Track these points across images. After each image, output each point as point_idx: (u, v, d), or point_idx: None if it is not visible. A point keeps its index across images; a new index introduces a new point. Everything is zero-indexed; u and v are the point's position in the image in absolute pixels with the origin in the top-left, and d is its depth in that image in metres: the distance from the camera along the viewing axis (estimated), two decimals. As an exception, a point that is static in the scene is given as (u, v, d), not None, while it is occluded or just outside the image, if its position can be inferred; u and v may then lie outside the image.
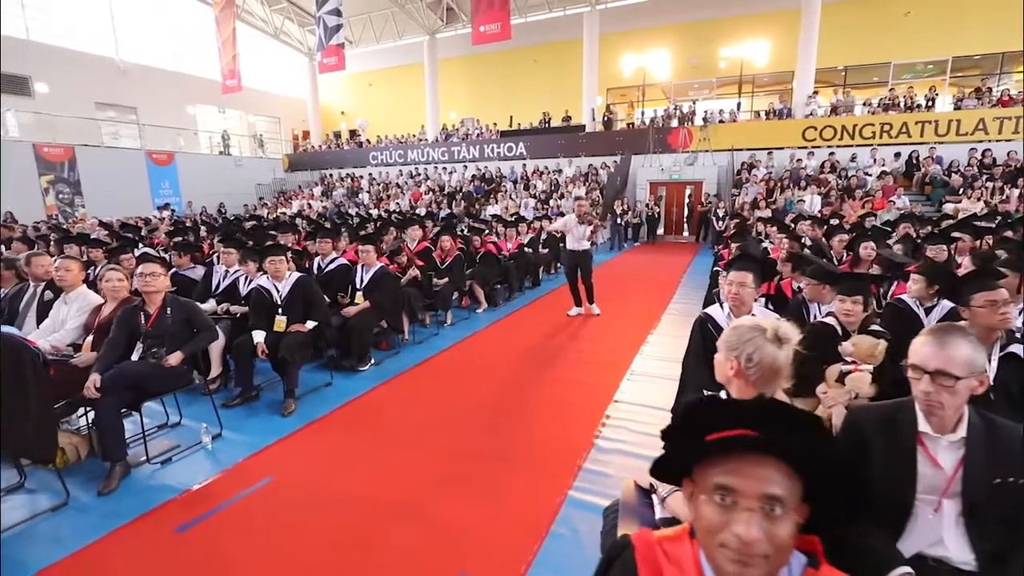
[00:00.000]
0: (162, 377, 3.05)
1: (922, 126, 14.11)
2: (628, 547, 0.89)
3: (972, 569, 1.32)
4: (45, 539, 2.39)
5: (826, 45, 16.09)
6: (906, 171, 13.75)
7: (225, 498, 2.68)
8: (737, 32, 18.03)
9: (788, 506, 0.72)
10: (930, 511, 1.37)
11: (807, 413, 0.77)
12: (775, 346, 1.36)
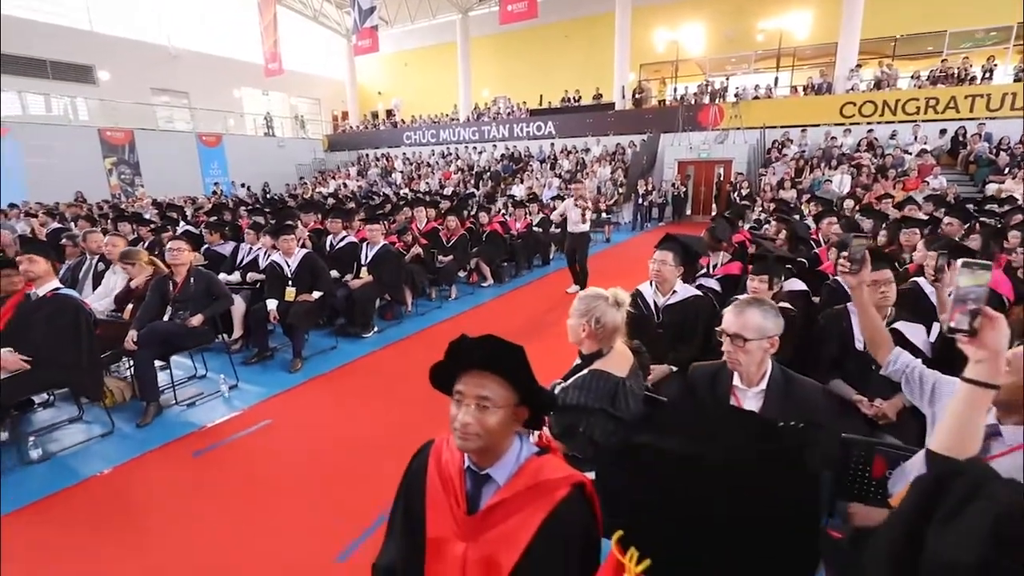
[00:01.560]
0: (186, 335, 3.67)
1: (972, 100, 13.25)
2: (431, 443, 1.31)
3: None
4: (96, 456, 3.06)
5: (875, 13, 15.19)
6: (951, 149, 13.05)
7: (232, 433, 3.31)
8: (777, 2, 17.28)
9: (496, 404, 1.11)
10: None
11: (515, 346, 1.15)
12: (615, 309, 1.73)
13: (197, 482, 2.83)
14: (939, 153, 13.03)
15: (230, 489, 2.76)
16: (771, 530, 0.66)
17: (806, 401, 1.69)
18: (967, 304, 1.05)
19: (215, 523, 2.49)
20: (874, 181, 11.81)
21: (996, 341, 1.05)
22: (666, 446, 0.70)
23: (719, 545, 0.67)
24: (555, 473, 1.17)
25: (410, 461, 1.32)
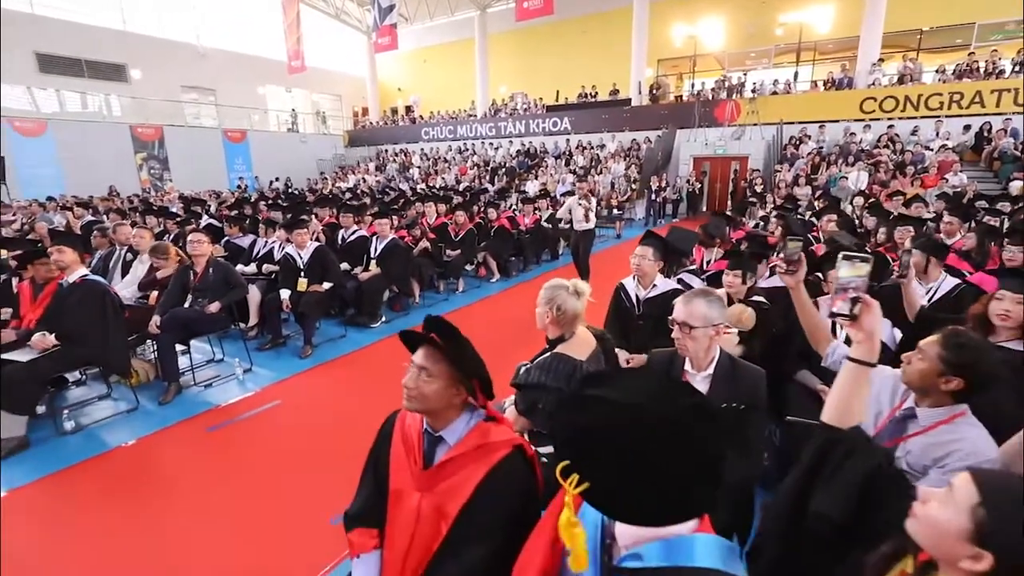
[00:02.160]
0: (205, 321, 3.96)
1: (999, 95, 12.86)
2: (398, 411, 1.51)
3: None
4: (121, 429, 3.36)
5: (900, 5, 14.84)
6: (975, 145, 12.71)
7: (244, 412, 3.59)
8: (796, -4, 17.01)
9: (432, 375, 1.30)
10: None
11: (451, 330, 1.33)
12: (575, 298, 1.91)
13: (210, 454, 3.11)
14: (963, 149, 12.71)
15: (239, 461, 3.03)
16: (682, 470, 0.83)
17: (749, 386, 1.83)
18: (848, 292, 1.20)
19: (224, 489, 2.75)
20: (892, 178, 11.62)
21: (872, 325, 1.20)
22: (613, 396, 0.87)
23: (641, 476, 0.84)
24: (498, 436, 1.36)
25: (381, 427, 1.52)
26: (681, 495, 0.85)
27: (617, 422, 0.85)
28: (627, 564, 0.93)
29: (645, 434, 0.83)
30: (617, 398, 0.86)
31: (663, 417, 0.84)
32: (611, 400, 0.86)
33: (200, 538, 2.39)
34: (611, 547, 1.00)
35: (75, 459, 3.02)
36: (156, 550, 2.31)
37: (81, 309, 3.34)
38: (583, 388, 0.91)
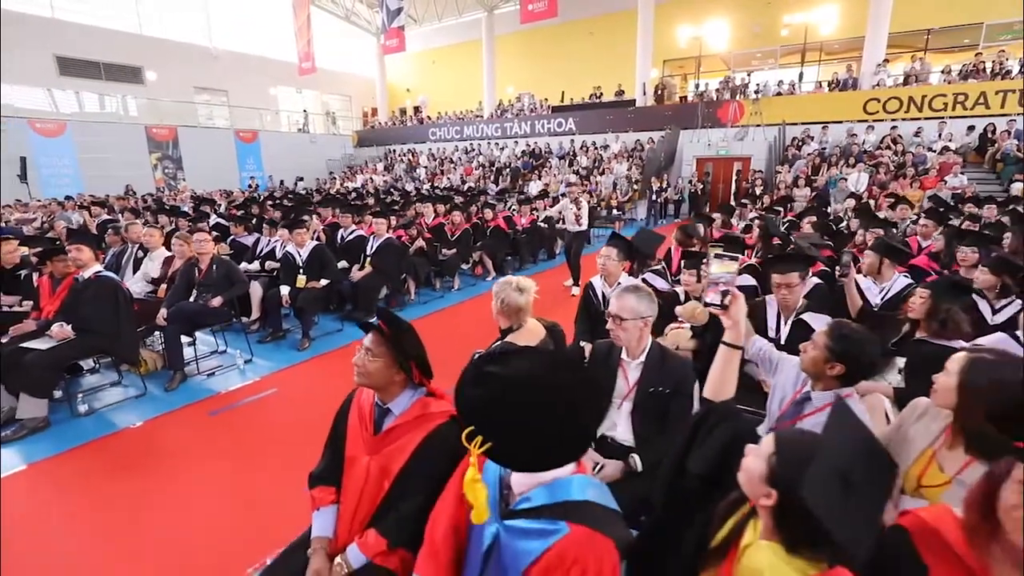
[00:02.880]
0: (208, 314, 4.25)
1: (1003, 96, 12.83)
2: (356, 390, 1.75)
3: (630, 445, 2.05)
4: (130, 412, 3.66)
5: (907, 5, 14.82)
6: (979, 146, 12.69)
7: (243, 398, 3.87)
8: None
9: (375, 355, 1.54)
10: (616, 408, 2.11)
11: (392, 318, 1.58)
12: (517, 293, 2.15)
13: (211, 436, 3.39)
14: (966, 151, 12.70)
15: (237, 441, 3.31)
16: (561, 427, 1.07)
17: (677, 373, 2.06)
18: (719, 286, 1.42)
19: (223, 465, 3.03)
20: (892, 179, 11.67)
21: (738, 313, 1.43)
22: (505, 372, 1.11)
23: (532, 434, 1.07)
24: (437, 408, 1.60)
25: (342, 403, 1.77)
26: (563, 445, 1.09)
27: (509, 392, 1.09)
28: (520, 506, 1.18)
29: (531, 400, 1.07)
30: (508, 373, 1.10)
31: (545, 386, 1.08)
32: (503, 375, 1.10)
33: (200, 507, 2.66)
34: (508, 496, 1.24)
35: (88, 438, 3.32)
36: (160, 517, 2.59)
37: (95, 302, 3.64)
38: (481, 367, 1.14)
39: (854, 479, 0.91)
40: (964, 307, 2.40)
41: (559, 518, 1.10)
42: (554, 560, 1.07)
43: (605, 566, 1.06)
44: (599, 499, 1.15)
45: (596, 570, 1.05)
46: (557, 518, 1.10)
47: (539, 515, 1.12)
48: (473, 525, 1.26)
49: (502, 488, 1.25)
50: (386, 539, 1.47)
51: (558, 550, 1.07)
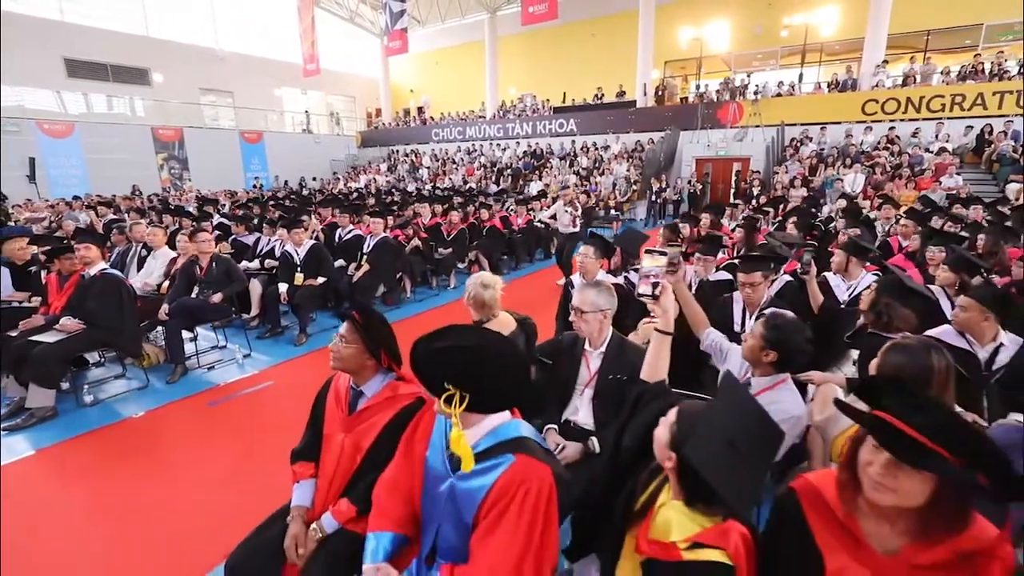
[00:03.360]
0: (208, 310, 4.44)
1: (1000, 97, 12.88)
2: (333, 376, 1.92)
3: (590, 428, 2.21)
4: (133, 403, 3.85)
5: (907, 6, 14.86)
6: (976, 147, 12.73)
7: (241, 390, 4.05)
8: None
9: (348, 341, 1.70)
10: (578, 394, 2.27)
11: (362, 308, 1.74)
12: (483, 288, 2.31)
13: (210, 425, 3.57)
14: (963, 151, 12.76)
15: (235, 429, 3.50)
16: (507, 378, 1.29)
17: (634, 361, 2.20)
18: (650, 278, 1.58)
19: (221, 453, 3.21)
20: (889, 180, 11.74)
21: (667, 303, 1.59)
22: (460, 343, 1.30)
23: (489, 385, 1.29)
24: (405, 390, 1.77)
25: (321, 387, 1.94)
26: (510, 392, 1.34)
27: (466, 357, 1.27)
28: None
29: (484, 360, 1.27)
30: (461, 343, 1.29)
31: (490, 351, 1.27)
32: (458, 346, 1.28)
33: (198, 488, 2.84)
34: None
35: (93, 426, 3.50)
36: (159, 499, 2.76)
37: (100, 298, 3.82)
38: (431, 344, 1.32)
39: (740, 445, 1.07)
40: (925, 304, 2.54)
41: (504, 453, 1.32)
42: (504, 486, 1.28)
43: (544, 486, 1.28)
44: (535, 438, 1.40)
45: (538, 489, 1.27)
46: (503, 453, 1.32)
47: (487, 456, 1.34)
48: (427, 486, 1.44)
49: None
50: (356, 507, 1.64)
51: (507, 477, 1.29)
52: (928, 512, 0.95)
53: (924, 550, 0.98)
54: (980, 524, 0.97)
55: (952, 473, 0.88)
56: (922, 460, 0.89)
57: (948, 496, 0.92)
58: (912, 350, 1.52)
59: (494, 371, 1.29)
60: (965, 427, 0.91)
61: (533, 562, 1.27)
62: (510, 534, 1.27)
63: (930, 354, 1.50)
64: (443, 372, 1.30)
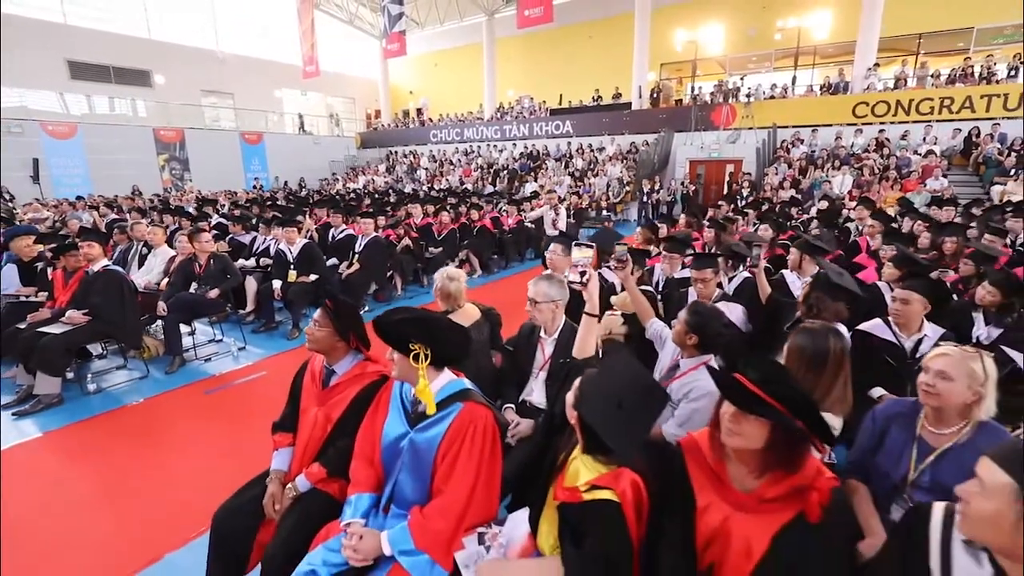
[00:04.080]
0: (205, 304, 4.69)
1: (988, 100, 13.08)
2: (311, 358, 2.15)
3: (543, 407, 2.44)
4: (133, 391, 4.10)
5: (899, 9, 15.05)
6: (964, 149, 12.94)
7: (235, 379, 4.29)
8: (797, 1, 17.29)
9: (321, 325, 1.94)
10: (534, 377, 2.50)
11: (331, 296, 1.98)
12: (448, 281, 2.55)
13: (205, 411, 3.82)
14: (952, 154, 12.97)
15: (228, 415, 3.74)
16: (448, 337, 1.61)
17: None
18: (578, 268, 1.82)
19: (214, 434, 3.45)
20: (876, 182, 11.95)
21: (594, 288, 1.82)
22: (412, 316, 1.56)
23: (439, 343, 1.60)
24: (372, 369, 2.01)
25: (299, 368, 2.17)
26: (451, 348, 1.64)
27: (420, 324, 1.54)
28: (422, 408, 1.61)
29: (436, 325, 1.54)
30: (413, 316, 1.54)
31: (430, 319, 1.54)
32: (412, 318, 1.54)
33: (192, 464, 3.08)
34: (416, 403, 1.67)
35: (96, 411, 3.75)
36: (157, 472, 3.00)
37: (103, 293, 4.06)
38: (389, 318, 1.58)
39: (626, 403, 1.30)
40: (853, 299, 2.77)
41: (454, 403, 1.63)
42: (457, 428, 1.60)
43: (488, 424, 1.63)
44: (477, 390, 1.72)
45: (483, 427, 1.61)
46: (453, 403, 1.63)
47: (441, 408, 1.64)
48: (387, 440, 1.69)
49: (413, 403, 1.68)
50: (326, 469, 1.88)
51: (458, 421, 1.60)
52: (767, 453, 1.18)
53: (770, 487, 1.22)
54: (811, 465, 1.20)
55: (778, 417, 1.11)
56: (754, 407, 1.12)
57: (781, 440, 1.16)
58: (814, 333, 1.75)
59: (436, 332, 1.63)
60: (791, 385, 1.15)
61: (484, 487, 1.60)
62: (465, 467, 1.58)
63: (828, 337, 1.73)
64: (401, 336, 1.61)
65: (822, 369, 1.72)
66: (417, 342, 1.61)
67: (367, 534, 1.58)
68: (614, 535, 1.27)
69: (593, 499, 1.31)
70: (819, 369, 1.70)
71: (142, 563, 2.28)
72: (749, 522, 1.22)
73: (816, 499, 1.14)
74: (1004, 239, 4.76)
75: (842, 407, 1.66)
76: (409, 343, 1.61)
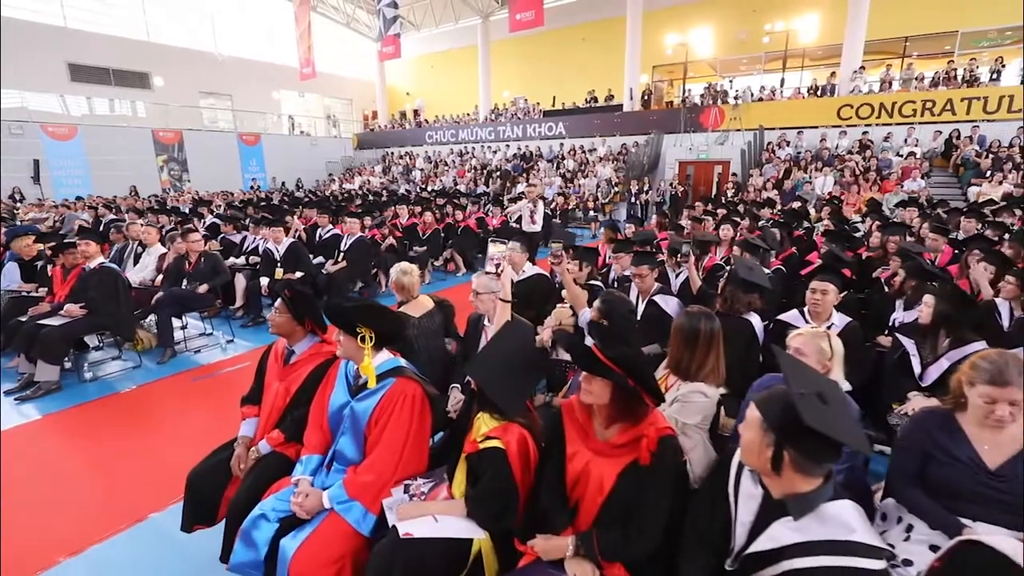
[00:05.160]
0: (195, 299, 5.00)
1: (968, 103, 13.35)
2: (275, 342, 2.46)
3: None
4: (127, 379, 4.42)
5: (885, 13, 15.34)
6: (945, 151, 13.22)
7: (221, 369, 4.61)
8: (786, 4, 17.58)
9: (281, 312, 2.26)
10: (481, 360, 2.81)
11: (290, 286, 2.28)
12: (402, 275, 2.85)
13: (192, 396, 4.13)
14: (933, 155, 13.24)
15: (214, 400, 4.05)
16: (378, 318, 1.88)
17: (521, 335, 2.74)
18: (494, 260, 2.13)
19: (199, 418, 3.76)
20: (855, 183, 12.23)
21: (505, 279, 2.14)
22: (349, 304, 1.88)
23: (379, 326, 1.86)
24: (326, 349, 2.31)
25: (265, 349, 2.48)
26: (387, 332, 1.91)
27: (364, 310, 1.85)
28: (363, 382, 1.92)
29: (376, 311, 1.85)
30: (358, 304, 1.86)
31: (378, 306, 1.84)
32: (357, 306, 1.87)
33: (178, 443, 3.39)
34: (357, 376, 1.98)
35: (91, 397, 4.06)
36: (146, 451, 3.31)
37: (99, 288, 4.37)
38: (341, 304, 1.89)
39: (512, 365, 1.61)
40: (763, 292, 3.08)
41: (388, 378, 1.93)
42: (388, 399, 1.90)
43: (416, 396, 1.91)
44: (410, 368, 2.01)
45: (411, 397, 1.90)
46: (387, 379, 1.93)
47: (377, 381, 1.93)
48: (333, 409, 2.00)
49: (355, 377, 1.99)
50: (284, 434, 2.19)
51: (390, 393, 1.90)
52: (612, 407, 1.49)
53: (619, 436, 1.52)
54: (651, 418, 1.51)
55: (614, 377, 1.42)
56: (594, 368, 1.43)
57: (620, 396, 1.46)
58: (691, 317, 2.05)
59: (377, 318, 1.96)
60: (625, 351, 1.45)
61: (412, 448, 1.91)
62: (393, 431, 1.89)
63: (701, 320, 2.04)
64: (349, 320, 1.93)
65: (695, 345, 2.02)
66: (363, 325, 1.91)
67: (312, 493, 1.88)
68: (500, 475, 1.58)
69: (485, 447, 1.62)
70: (693, 346, 2.00)
71: (130, 522, 2.59)
72: (603, 465, 1.52)
73: (646, 445, 1.44)
74: (946, 237, 5.06)
75: (715, 378, 1.97)
76: (356, 326, 1.92)
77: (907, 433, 1.75)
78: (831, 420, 1.08)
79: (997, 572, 1.11)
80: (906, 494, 1.68)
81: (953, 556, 1.20)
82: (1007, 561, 1.11)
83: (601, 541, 1.44)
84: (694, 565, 1.34)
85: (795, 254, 5.14)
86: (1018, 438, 1.59)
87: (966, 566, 1.16)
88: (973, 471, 1.59)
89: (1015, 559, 1.11)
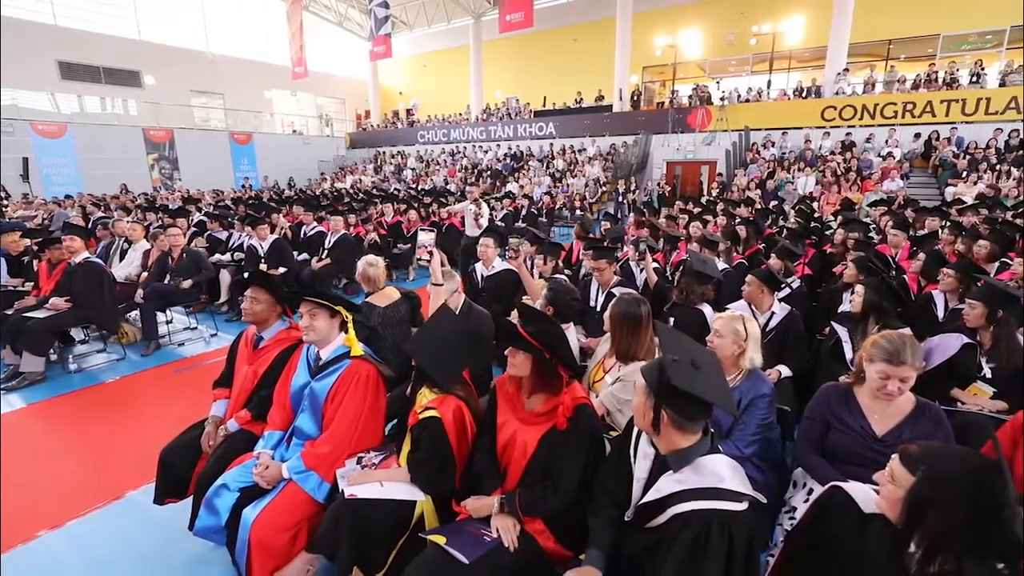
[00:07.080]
0: (178, 294, 5.13)
1: (947, 105, 13.63)
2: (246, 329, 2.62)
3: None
4: (111, 371, 4.55)
5: (870, 16, 15.60)
6: (924, 152, 13.49)
7: (203, 361, 4.74)
8: (773, 7, 17.84)
9: (258, 300, 2.41)
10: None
11: (265, 275, 2.44)
12: (368, 266, 3.02)
13: (173, 386, 4.28)
14: (913, 156, 13.51)
15: (193, 389, 4.18)
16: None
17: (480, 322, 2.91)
18: (425, 248, 2.32)
19: (177, 406, 3.89)
20: (836, 183, 12.47)
21: (436, 265, 2.32)
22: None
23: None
24: (294, 335, 2.47)
25: (236, 336, 2.64)
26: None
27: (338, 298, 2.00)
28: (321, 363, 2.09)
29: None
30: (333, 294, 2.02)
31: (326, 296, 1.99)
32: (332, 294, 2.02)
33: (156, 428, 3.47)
34: (317, 359, 2.14)
35: (76, 387, 4.20)
36: (125, 436, 3.45)
37: (84, 282, 4.50)
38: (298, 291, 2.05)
39: (447, 344, 1.77)
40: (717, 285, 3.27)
41: (344, 359, 2.09)
42: (343, 379, 2.06)
43: (370, 376, 2.10)
44: (368, 350, 2.14)
45: (365, 377, 2.07)
46: (344, 359, 2.09)
47: (336, 362, 2.11)
48: (295, 389, 2.16)
49: (315, 360, 2.15)
50: (251, 413, 2.35)
51: (344, 374, 2.06)
52: (533, 379, 1.66)
53: (543, 405, 1.69)
54: (570, 389, 1.68)
55: (532, 350, 1.59)
56: (514, 342, 1.60)
57: (540, 368, 1.63)
58: (628, 302, 2.23)
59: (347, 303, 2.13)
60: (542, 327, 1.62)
61: (366, 423, 2.08)
62: (347, 408, 2.05)
63: (638, 305, 2.21)
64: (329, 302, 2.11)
65: (638, 329, 2.19)
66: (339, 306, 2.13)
67: (272, 465, 2.04)
68: (436, 441, 1.75)
69: (423, 416, 1.79)
70: (632, 328, 2.18)
71: (108, 499, 2.74)
72: (527, 432, 1.69)
73: (562, 412, 1.62)
74: (906, 233, 5.27)
75: (651, 356, 2.14)
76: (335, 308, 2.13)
77: (812, 405, 1.93)
78: (700, 382, 1.25)
79: (847, 512, 1.29)
80: (806, 458, 1.86)
81: (820, 500, 1.38)
82: (856, 506, 1.29)
83: (522, 498, 1.61)
84: (600, 517, 1.51)
85: (760, 250, 5.33)
86: (904, 409, 1.77)
87: (828, 508, 1.34)
88: (863, 438, 1.78)
89: (862, 506, 1.29)
